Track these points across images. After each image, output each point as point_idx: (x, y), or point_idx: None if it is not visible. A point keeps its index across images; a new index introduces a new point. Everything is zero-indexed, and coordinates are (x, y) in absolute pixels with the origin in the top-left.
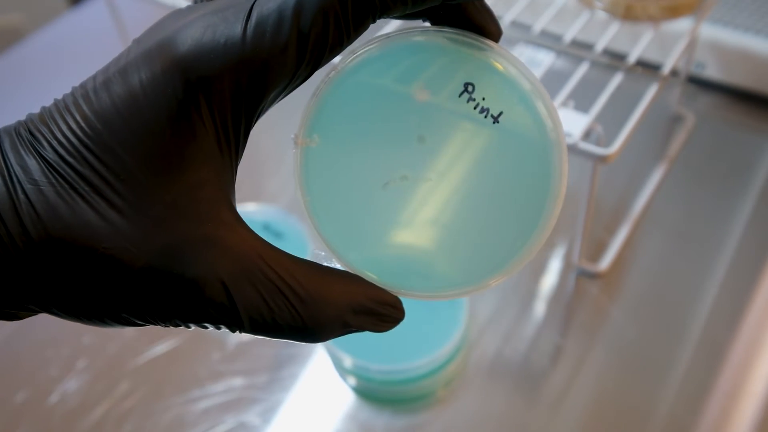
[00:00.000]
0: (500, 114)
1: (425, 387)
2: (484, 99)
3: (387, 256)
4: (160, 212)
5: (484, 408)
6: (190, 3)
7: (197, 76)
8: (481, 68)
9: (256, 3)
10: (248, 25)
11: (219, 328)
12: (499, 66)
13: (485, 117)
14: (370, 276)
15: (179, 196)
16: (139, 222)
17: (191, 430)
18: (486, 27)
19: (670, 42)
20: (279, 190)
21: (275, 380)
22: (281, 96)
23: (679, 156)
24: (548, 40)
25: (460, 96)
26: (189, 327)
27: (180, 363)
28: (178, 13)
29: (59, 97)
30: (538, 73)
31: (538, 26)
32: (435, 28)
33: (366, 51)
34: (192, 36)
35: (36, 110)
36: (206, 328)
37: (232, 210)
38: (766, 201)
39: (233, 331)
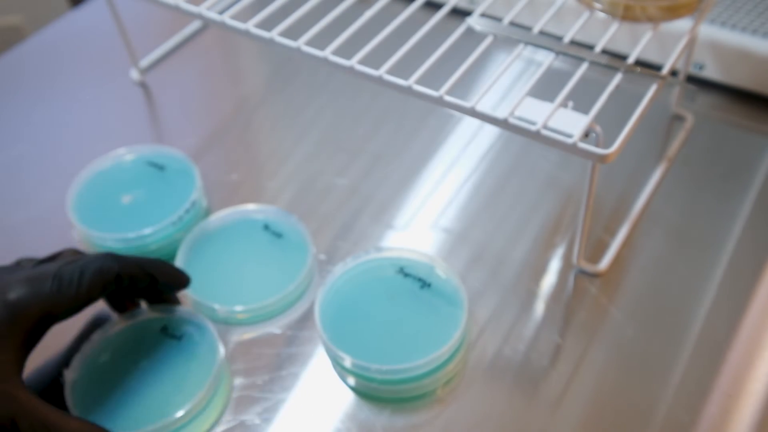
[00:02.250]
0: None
1: (425, 386)
2: None
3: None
4: None
5: (484, 407)
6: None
7: (17, 315)
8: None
9: (56, 272)
10: (53, 284)
11: None
12: None
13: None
14: None
15: None
16: None
17: None
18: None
19: (670, 42)
20: (279, 191)
21: (275, 380)
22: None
23: (678, 156)
24: (547, 40)
25: None
26: None
27: None
28: (9, 270)
29: None
30: (537, 73)
31: (537, 26)
32: None
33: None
34: (22, 288)
35: (37, 111)
36: None
37: (20, 379)
38: (766, 201)
39: None
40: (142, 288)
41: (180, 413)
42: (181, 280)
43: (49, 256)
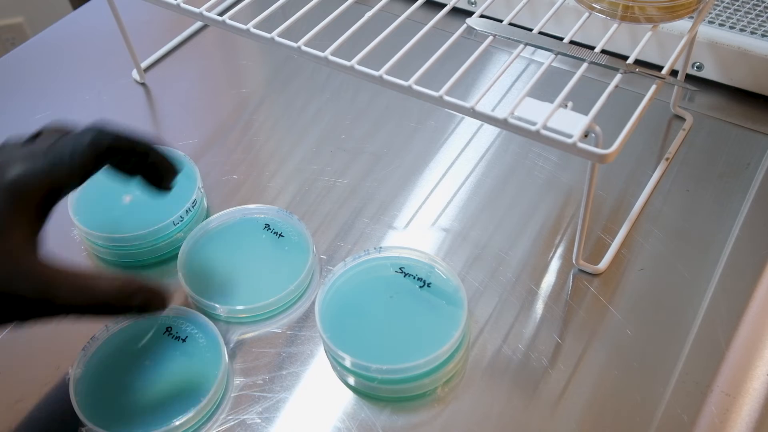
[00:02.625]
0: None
1: (425, 386)
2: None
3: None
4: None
5: (484, 407)
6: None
7: (19, 192)
8: None
9: (48, 149)
10: (46, 161)
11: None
12: None
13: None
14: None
15: (7, 249)
16: None
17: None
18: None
19: (669, 43)
20: (279, 191)
21: (276, 379)
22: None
23: (677, 156)
24: (547, 40)
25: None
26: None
27: None
28: (6, 149)
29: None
30: (537, 73)
31: (536, 27)
32: None
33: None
34: (16, 168)
35: (38, 112)
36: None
37: (39, 253)
38: (765, 200)
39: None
40: (137, 165)
41: (182, 420)
42: (172, 167)
43: (32, 134)
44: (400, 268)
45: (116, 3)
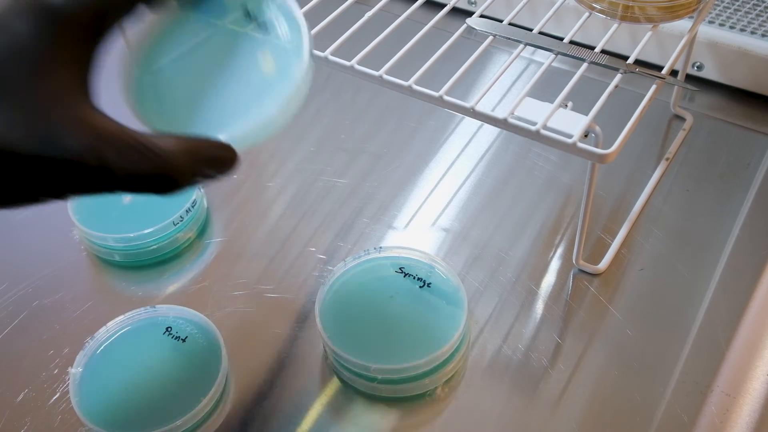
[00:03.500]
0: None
1: (425, 386)
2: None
3: None
4: (37, 106)
5: (484, 407)
6: None
7: (60, 15)
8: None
9: None
10: None
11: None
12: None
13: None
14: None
15: (51, 92)
16: (19, 115)
17: None
18: None
19: (669, 42)
20: (279, 191)
21: (275, 379)
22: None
23: (677, 156)
24: (547, 41)
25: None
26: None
27: None
28: None
29: None
30: (537, 73)
31: (536, 27)
32: None
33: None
34: None
35: None
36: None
37: (93, 101)
38: (765, 200)
39: (114, 193)
40: None
41: (182, 420)
42: None
43: None
44: (400, 268)
45: None
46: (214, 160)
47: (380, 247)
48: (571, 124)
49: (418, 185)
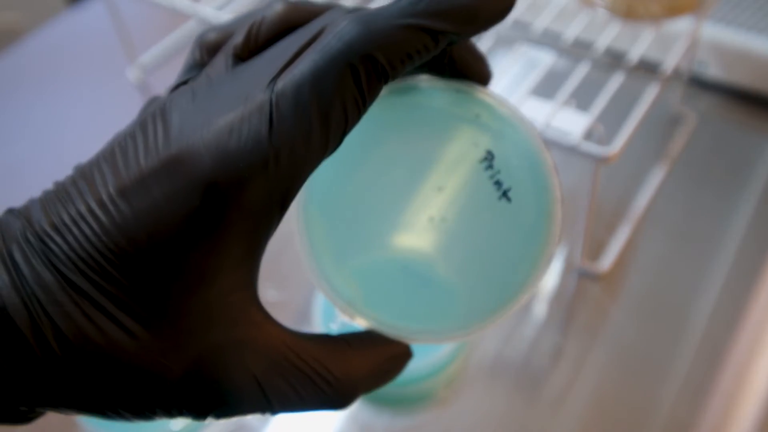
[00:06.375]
0: (509, 189)
1: (426, 388)
2: (500, 172)
3: (393, 296)
4: (192, 323)
5: (485, 408)
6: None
7: (225, 188)
8: (498, 134)
9: (264, 103)
10: (273, 124)
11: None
12: (512, 132)
13: (497, 189)
14: (381, 320)
15: (210, 306)
16: (171, 334)
17: None
18: (480, 73)
19: (672, 41)
20: None
21: None
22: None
23: (680, 156)
24: (549, 39)
25: (481, 162)
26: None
27: None
28: (181, 99)
29: (60, 181)
30: (538, 72)
31: (539, 25)
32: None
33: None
34: (214, 145)
35: (36, 111)
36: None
37: (260, 308)
38: (767, 200)
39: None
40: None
41: (182, 420)
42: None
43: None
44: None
45: (114, 1)
46: (387, 374)
47: None
48: (574, 123)
49: None
